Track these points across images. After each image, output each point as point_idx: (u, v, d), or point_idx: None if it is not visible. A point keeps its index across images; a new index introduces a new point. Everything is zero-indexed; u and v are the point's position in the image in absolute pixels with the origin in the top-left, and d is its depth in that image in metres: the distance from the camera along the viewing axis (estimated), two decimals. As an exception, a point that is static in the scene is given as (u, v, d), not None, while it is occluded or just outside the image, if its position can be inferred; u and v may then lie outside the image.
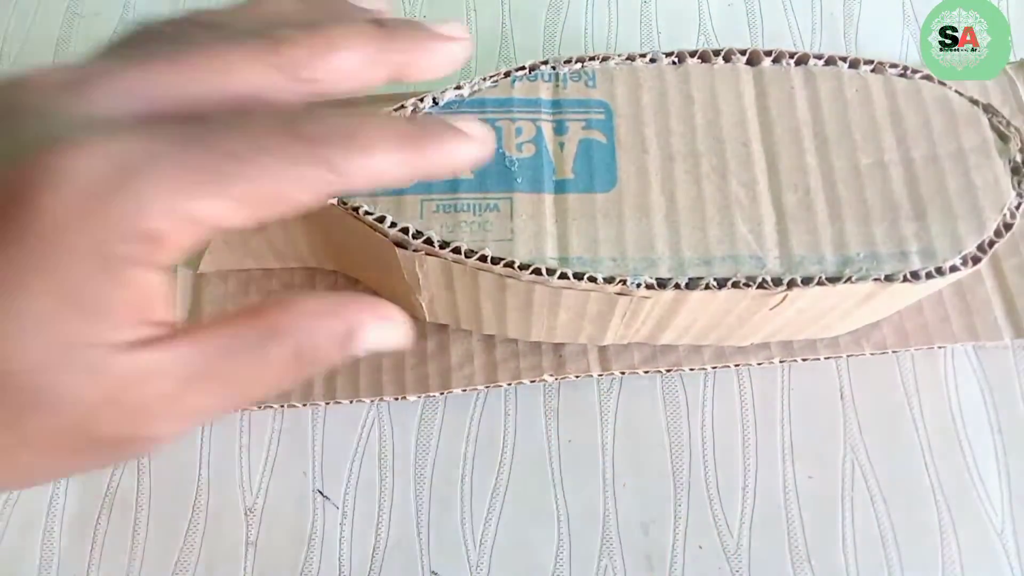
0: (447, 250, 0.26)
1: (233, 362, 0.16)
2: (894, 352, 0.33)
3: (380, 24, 0.18)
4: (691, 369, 0.33)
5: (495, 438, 0.33)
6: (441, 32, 0.19)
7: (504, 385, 0.32)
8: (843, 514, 0.32)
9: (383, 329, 0.17)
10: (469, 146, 0.18)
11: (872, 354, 0.33)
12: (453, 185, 0.27)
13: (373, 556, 0.31)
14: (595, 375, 0.33)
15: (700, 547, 0.31)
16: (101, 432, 0.16)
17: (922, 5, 0.41)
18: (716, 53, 0.28)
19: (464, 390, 0.32)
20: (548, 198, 0.27)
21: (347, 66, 0.17)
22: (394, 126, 0.17)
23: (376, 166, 0.16)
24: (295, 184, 0.15)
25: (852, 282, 0.26)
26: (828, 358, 0.33)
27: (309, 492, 0.32)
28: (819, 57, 0.29)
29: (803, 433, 0.33)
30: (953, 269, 0.26)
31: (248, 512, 0.32)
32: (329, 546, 0.31)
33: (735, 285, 0.26)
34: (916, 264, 0.26)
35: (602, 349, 0.33)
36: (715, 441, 0.33)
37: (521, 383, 0.32)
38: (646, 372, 0.33)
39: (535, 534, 0.31)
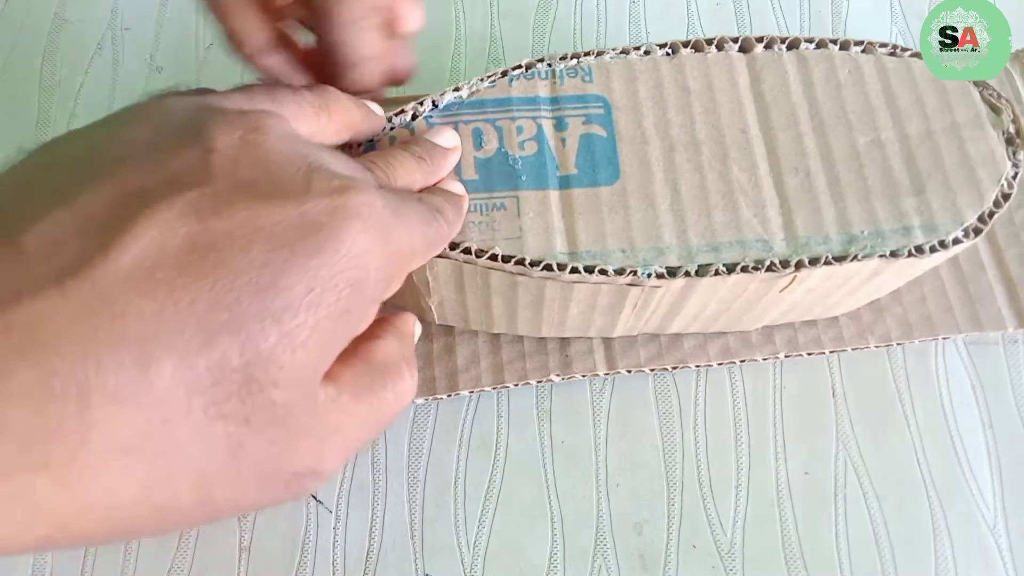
0: (457, 251, 0.26)
1: (374, 397, 0.19)
2: (899, 344, 0.33)
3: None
4: (697, 366, 0.33)
5: (488, 440, 0.33)
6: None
7: (510, 386, 0.32)
8: (836, 511, 0.31)
9: None
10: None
11: (877, 347, 0.33)
12: None
13: (367, 560, 0.31)
14: (601, 374, 0.32)
15: (694, 546, 0.31)
16: (295, 466, 0.17)
17: (910, 1, 0.41)
18: (709, 42, 0.29)
19: (471, 392, 0.32)
20: (554, 194, 0.27)
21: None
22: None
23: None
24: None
25: (858, 260, 0.26)
26: (833, 351, 0.33)
27: (302, 497, 0.32)
28: (810, 41, 0.29)
29: (795, 431, 0.33)
30: (956, 241, 0.26)
31: (241, 517, 0.31)
32: (323, 550, 0.31)
33: (744, 269, 0.26)
34: (919, 239, 0.26)
35: (608, 348, 0.32)
36: (708, 440, 0.32)
37: (528, 384, 0.32)
38: (652, 370, 0.32)
39: (528, 535, 0.31)
